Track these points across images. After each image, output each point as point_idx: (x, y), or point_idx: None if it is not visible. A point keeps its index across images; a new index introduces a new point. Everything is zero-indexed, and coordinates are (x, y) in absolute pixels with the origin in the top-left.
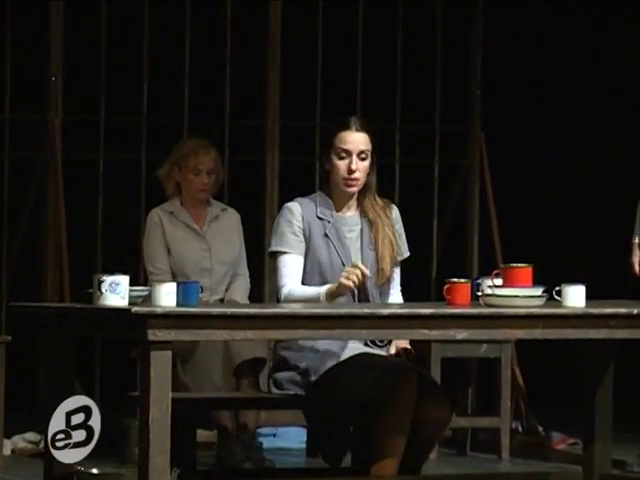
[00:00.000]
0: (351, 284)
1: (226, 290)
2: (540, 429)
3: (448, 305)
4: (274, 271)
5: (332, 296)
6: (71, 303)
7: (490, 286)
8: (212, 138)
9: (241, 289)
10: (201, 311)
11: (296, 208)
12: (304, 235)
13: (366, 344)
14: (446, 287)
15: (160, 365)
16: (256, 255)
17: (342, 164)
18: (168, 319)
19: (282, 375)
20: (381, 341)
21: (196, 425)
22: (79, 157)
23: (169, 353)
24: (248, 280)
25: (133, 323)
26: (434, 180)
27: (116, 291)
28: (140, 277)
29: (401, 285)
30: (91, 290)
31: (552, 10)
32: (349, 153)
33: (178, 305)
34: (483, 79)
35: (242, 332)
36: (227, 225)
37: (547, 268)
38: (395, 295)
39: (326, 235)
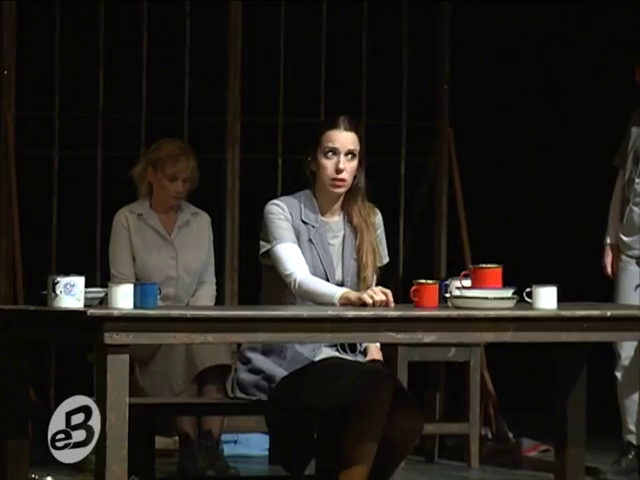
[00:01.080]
0: (370, 303)
1: (192, 297)
2: (510, 435)
3: (415, 307)
4: (276, 263)
5: (346, 302)
6: (24, 305)
7: (459, 287)
8: (170, 134)
9: (206, 296)
10: (159, 313)
11: (284, 207)
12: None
13: (337, 351)
14: (413, 288)
15: (117, 369)
16: (216, 257)
17: (329, 163)
18: (125, 322)
19: (247, 378)
20: (352, 349)
21: (155, 432)
22: (33, 154)
23: (126, 357)
24: (214, 287)
25: (89, 326)
26: (400, 178)
27: (71, 293)
28: (96, 278)
29: None
30: (45, 292)
31: (521, 3)
32: (336, 152)
33: (135, 307)
34: (451, 72)
35: (202, 335)
36: (197, 231)
37: (517, 269)
38: None
39: (310, 240)
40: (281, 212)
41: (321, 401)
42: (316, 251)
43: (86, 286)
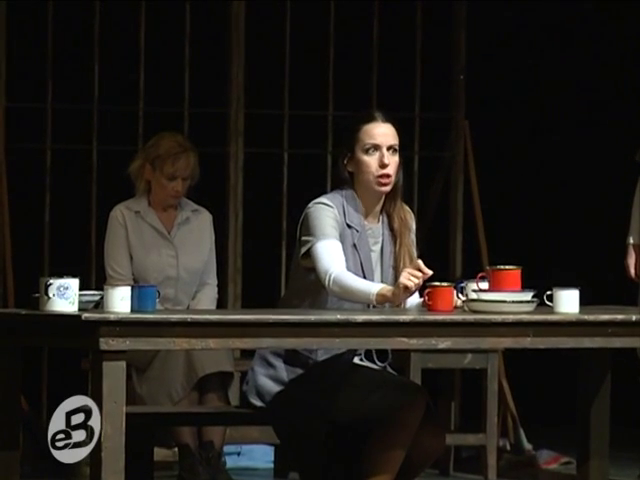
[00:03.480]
0: (413, 286)
1: (192, 300)
2: (529, 447)
3: (429, 311)
4: (315, 261)
5: (384, 299)
6: (15, 309)
7: (475, 290)
8: (170, 127)
9: (207, 299)
10: (158, 318)
11: (334, 207)
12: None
13: (361, 360)
14: (427, 291)
15: (113, 377)
16: (218, 257)
17: (372, 160)
18: (122, 326)
19: (267, 385)
20: (382, 359)
21: (154, 442)
22: (24, 147)
23: (123, 364)
24: (216, 290)
25: (83, 331)
26: (414, 173)
27: (65, 296)
28: (91, 281)
29: None
30: (37, 294)
31: None
32: (378, 147)
33: (133, 311)
34: (467, 62)
35: (203, 341)
36: (198, 229)
37: (537, 270)
38: (409, 302)
39: (354, 245)
40: (331, 210)
41: (348, 416)
42: (359, 257)
43: (81, 288)
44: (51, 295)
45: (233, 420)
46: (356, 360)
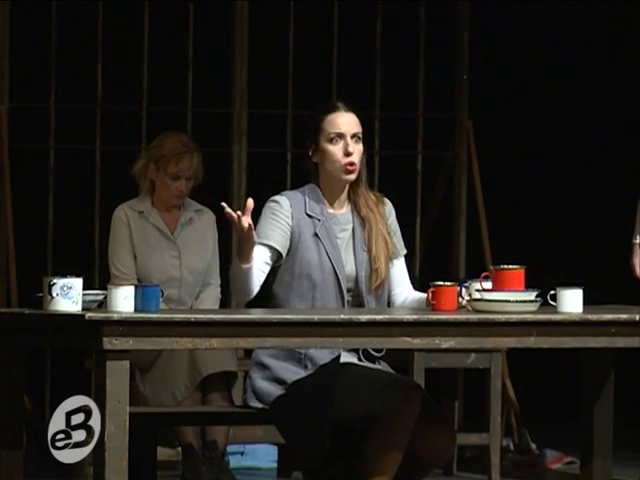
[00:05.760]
0: (246, 224)
1: (195, 300)
2: (533, 447)
3: (433, 311)
4: None
5: (238, 253)
6: (19, 308)
7: (479, 290)
8: (173, 127)
9: (210, 299)
10: (162, 317)
11: (285, 202)
12: (292, 234)
13: (360, 359)
14: (430, 291)
15: (117, 376)
16: (221, 257)
17: (336, 149)
18: (125, 326)
19: (265, 387)
20: (377, 353)
21: (157, 442)
22: (28, 147)
23: (126, 363)
24: (219, 290)
25: (87, 330)
26: (417, 173)
27: (68, 295)
28: (95, 280)
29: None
30: (41, 294)
31: None
32: (342, 136)
33: (136, 311)
34: (470, 62)
35: (206, 340)
36: (201, 229)
37: (541, 270)
38: (403, 294)
39: (316, 235)
40: (277, 209)
41: (346, 415)
42: (323, 245)
43: (84, 288)
44: (54, 295)
45: (236, 420)
46: (354, 359)
